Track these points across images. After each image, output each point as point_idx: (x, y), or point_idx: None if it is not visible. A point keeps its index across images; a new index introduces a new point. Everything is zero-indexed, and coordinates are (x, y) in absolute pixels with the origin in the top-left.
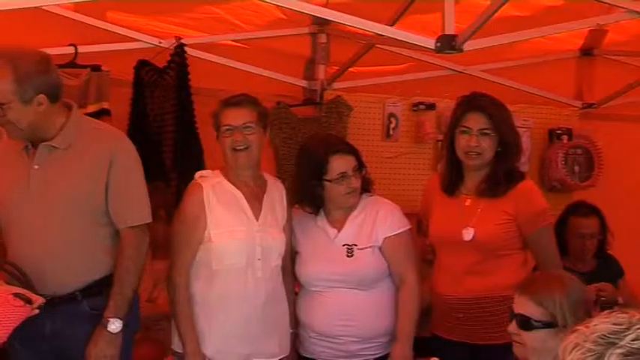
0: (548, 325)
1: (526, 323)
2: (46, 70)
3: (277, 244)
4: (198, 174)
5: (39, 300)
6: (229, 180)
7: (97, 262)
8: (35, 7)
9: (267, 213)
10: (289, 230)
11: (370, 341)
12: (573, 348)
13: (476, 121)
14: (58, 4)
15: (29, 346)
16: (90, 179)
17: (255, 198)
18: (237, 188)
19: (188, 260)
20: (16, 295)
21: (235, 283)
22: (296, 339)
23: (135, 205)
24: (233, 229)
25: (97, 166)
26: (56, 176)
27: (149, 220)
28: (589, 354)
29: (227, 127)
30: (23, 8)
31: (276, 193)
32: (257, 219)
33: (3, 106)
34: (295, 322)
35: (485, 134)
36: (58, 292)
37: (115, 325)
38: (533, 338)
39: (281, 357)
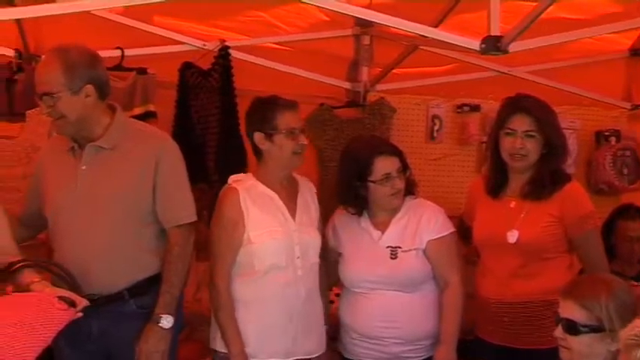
0: (595, 329)
1: (572, 328)
2: (94, 63)
3: (314, 242)
4: (231, 178)
5: (83, 302)
6: (262, 182)
7: (143, 261)
8: (84, 12)
9: (302, 212)
10: (321, 228)
11: (413, 343)
12: None
13: (521, 123)
14: (107, 9)
15: (75, 347)
16: (137, 179)
17: (290, 198)
18: (272, 189)
19: (229, 264)
20: (61, 298)
21: (277, 282)
22: (329, 337)
23: (181, 204)
24: (271, 230)
25: (143, 167)
26: (103, 177)
27: (195, 218)
28: None
29: (292, 130)
30: (71, 13)
31: (308, 193)
32: (293, 218)
33: (53, 96)
34: (332, 321)
35: (530, 136)
36: (105, 291)
37: (166, 321)
38: (580, 343)
39: (318, 354)
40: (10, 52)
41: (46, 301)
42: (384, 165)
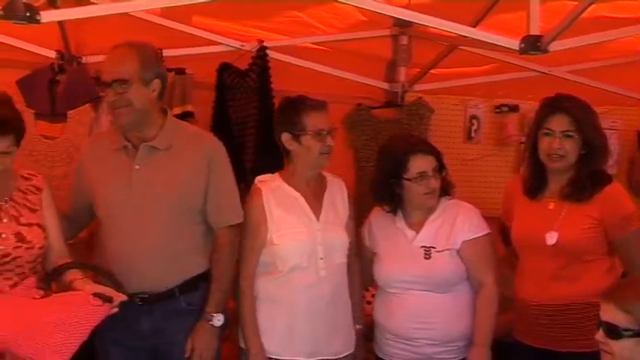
0: (637, 333)
1: (613, 332)
2: (161, 61)
3: (340, 241)
4: (257, 178)
5: (120, 297)
6: (288, 182)
7: (193, 259)
8: (124, 13)
9: (328, 211)
10: (353, 227)
11: (447, 345)
12: None
13: (559, 123)
14: (146, 10)
15: (124, 345)
16: (190, 180)
17: (316, 197)
18: (297, 189)
19: (252, 264)
20: (96, 294)
21: (300, 283)
22: (365, 338)
23: (232, 205)
24: (294, 231)
25: (196, 167)
26: (157, 176)
27: (242, 219)
28: None
29: (319, 131)
30: (111, 14)
31: (337, 190)
32: (318, 218)
33: (126, 82)
34: (369, 321)
35: (569, 136)
36: (156, 290)
37: (217, 320)
38: (622, 347)
39: (345, 354)
40: (52, 54)
41: (81, 299)
42: (419, 163)
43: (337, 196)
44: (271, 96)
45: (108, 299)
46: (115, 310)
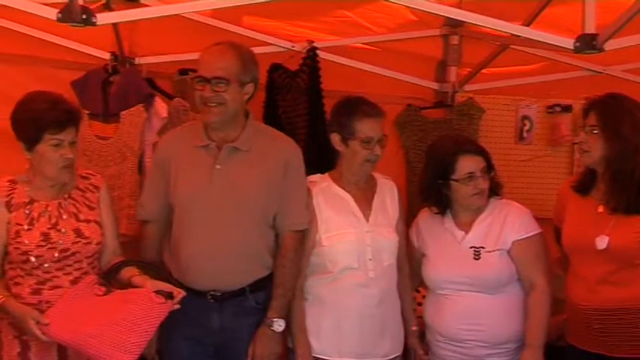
0: None
1: None
2: (257, 66)
3: (389, 243)
4: (308, 179)
5: (180, 294)
6: (338, 183)
7: (265, 260)
8: (176, 14)
9: (377, 213)
10: (403, 229)
11: (498, 347)
12: None
13: (589, 119)
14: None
15: (192, 340)
16: (269, 182)
17: (365, 198)
18: (347, 190)
19: (303, 265)
20: (158, 292)
21: (350, 283)
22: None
23: (300, 209)
24: (343, 232)
25: (275, 170)
26: (238, 177)
27: (308, 226)
28: None
29: (368, 139)
30: (164, 16)
31: (387, 192)
32: (367, 220)
33: (226, 82)
34: (421, 323)
35: (593, 132)
36: (229, 287)
37: (278, 325)
38: None
39: (394, 356)
40: (106, 55)
41: (145, 296)
42: (467, 164)
43: (387, 197)
44: (321, 96)
45: (170, 296)
46: (177, 307)
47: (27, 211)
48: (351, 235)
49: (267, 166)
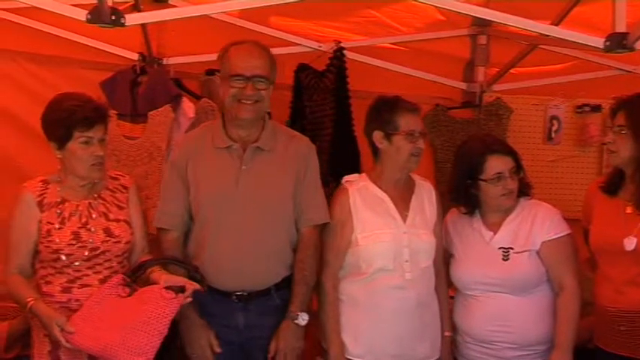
0: None
1: None
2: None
3: (426, 245)
4: (344, 178)
5: (192, 286)
6: (376, 183)
7: (289, 258)
8: (203, 15)
9: (415, 214)
10: (441, 231)
11: (527, 348)
12: None
13: (618, 118)
14: (224, 12)
15: (219, 339)
16: (291, 180)
17: (403, 199)
18: (384, 190)
19: (337, 264)
20: (168, 287)
21: (385, 285)
22: (452, 342)
23: (318, 204)
24: (380, 232)
25: (296, 168)
26: (263, 177)
27: (328, 219)
28: None
29: (411, 132)
30: (192, 16)
31: (425, 194)
32: (404, 221)
33: (266, 80)
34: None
35: (621, 132)
36: (255, 287)
37: (302, 319)
38: None
39: (433, 359)
40: (134, 56)
41: (157, 294)
42: (496, 164)
43: (425, 198)
44: (348, 97)
45: (180, 290)
46: (189, 299)
47: (58, 211)
48: (387, 235)
49: (288, 164)
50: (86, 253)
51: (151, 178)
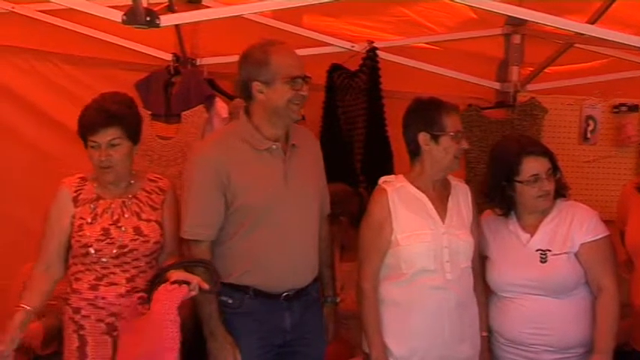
0: None
1: None
2: None
3: (465, 245)
4: (382, 179)
5: (194, 280)
6: (414, 184)
7: (320, 251)
8: (236, 16)
9: (452, 214)
10: (476, 232)
11: (565, 352)
12: None
13: None
14: (258, 12)
15: (267, 343)
16: (321, 173)
17: (440, 200)
18: (423, 191)
19: (376, 265)
20: (174, 281)
21: (426, 286)
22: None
23: (328, 195)
24: (419, 233)
25: (319, 160)
26: (302, 174)
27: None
28: None
29: (457, 132)
30: (225, 17)
31: (461, 194)
32: (443, 221)
33: (309, 81)
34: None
35: None
36: (301, 285)
37: (337, 299)
38: None
39: None
40: (168, 56)
41: (161, 291)
42: (532, 165)
43: (461, 199)
44: (380, 97)
45: (185, 282)
46: (194, 293)
47: (92, 206)
48: (427, 236)
49: (314, 158)
50: (114, 251)
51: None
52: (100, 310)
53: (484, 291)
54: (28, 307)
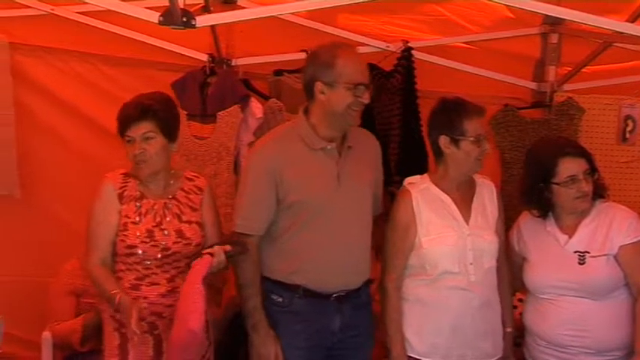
0: None
1: None
2: None
3: (490, 246)
4: (406, 180)
5: (216, 249)
6: (438, 185)
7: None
8: (272, 16)
9: (477, 215)
10: (502, 228)
11: (604, 354)
12: None
13: None
14: (293, 13)
15: (316, 344)
16: (373, 175)
17: (465, 201)
18: (447, 193)
19: (400, 266)
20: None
21: (450, 287)
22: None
23: (381, 196)
24: (443, 235)
25: (375, 162)
26: (356, 175)
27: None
28: None
29: (478, 136)
30: (261, 17)
31: (486, 193)
32: (467, 222)
33: (368, 87)
34: (515, 326)
35: None
36: (353, 286)
37: None
38: None
39: (496, 358)
40: (204, 57)
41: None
42: (569, 167)
43: (486, 197)
44: (416, 97)
45: (210, 253)
46: (216, 260)
47: (137, 205)
48: (451, 238)
49: (368, 159)
50: (159, 256)
51: (219, 178)
52: (141, 309)
53: (509, 287)
54: (119, 290)
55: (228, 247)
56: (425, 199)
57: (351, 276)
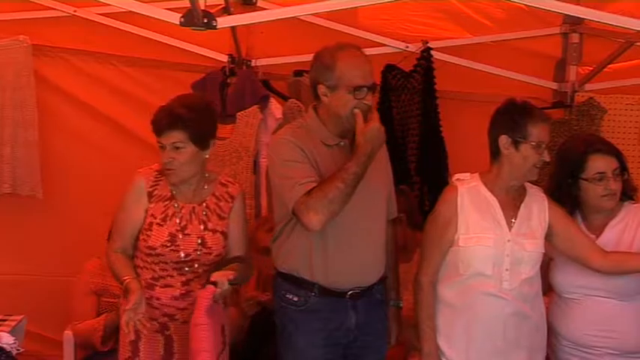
0: None
1: None
2: None
3: (529, 255)
4: (455, 176)
5: (220, 277)
6: (488, 186)
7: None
8: (292, 17)
9: (522, 222)
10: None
11: (631, 355)
12: None
13: None
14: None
15: (330, 343)
16: (388, 172)
17: (512, 206)
18: (495, 194)
19: (436, 261)
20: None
21: (480, 290)
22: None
23: (395, 198)
24: (482, 235)
25: (387, 164)
26: (370, 173)
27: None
28: None
29: (540, 143)
30: (281, 18)
31: (535, 203)
32: (510, 228)
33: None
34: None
35: None
36: (367, 284)
37: (401, 303)
38: None
39: None
40: (224, 58)
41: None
42: (598, 163)
43: (535, 207)
44: (435, 97)
45: (214, 284)
46: (220, 290)
47: (165, 205)
48: (489, 240)
49: (378, 158)
50: (177, 260)
51: (238, 178)
52: (154, 309)
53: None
54: (132, 276)
55: (231, 276)
56: (471, 197)
57: (365, 273)
